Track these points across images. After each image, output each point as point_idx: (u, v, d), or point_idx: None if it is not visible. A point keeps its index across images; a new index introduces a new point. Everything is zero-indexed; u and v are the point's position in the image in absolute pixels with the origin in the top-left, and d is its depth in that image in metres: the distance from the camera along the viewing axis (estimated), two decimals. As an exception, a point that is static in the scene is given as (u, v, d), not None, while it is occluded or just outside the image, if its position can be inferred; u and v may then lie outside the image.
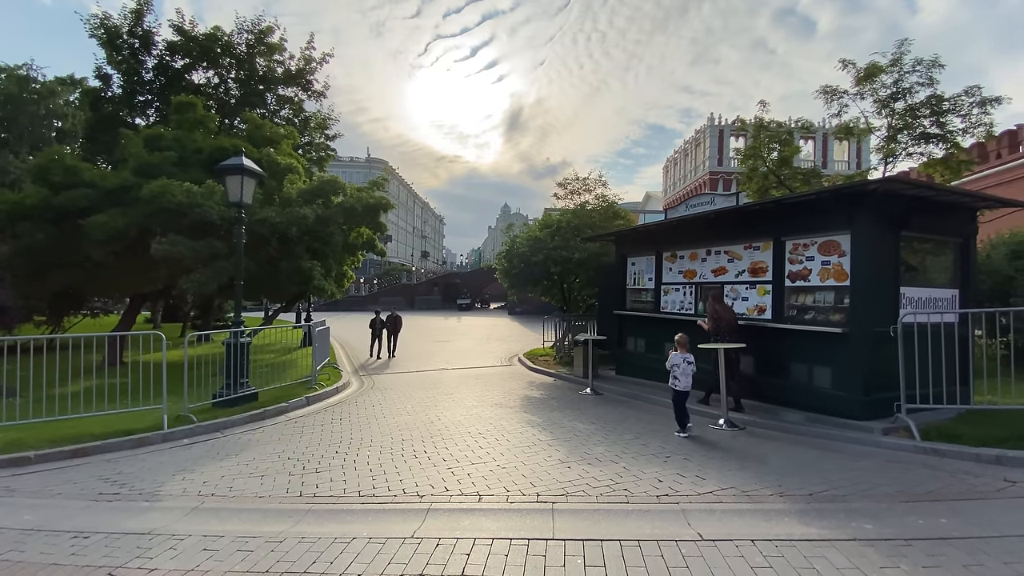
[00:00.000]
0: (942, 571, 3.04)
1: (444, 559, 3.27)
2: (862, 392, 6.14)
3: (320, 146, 22.99)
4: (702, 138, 42.52)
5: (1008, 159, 20.32)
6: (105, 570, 3.33)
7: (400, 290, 54.05)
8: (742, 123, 14.90)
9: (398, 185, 74.89)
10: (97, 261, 12.40)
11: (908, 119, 11.24)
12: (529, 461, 5.34)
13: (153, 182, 11.49)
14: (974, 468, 4.82)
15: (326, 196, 13.83)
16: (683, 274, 9.21)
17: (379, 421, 7.38)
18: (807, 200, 6.96)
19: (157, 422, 6.80)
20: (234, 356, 7.99)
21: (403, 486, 4.69)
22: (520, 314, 39.67)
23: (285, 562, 3.31)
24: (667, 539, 3.45)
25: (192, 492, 4.72)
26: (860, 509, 3.97)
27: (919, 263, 7.03)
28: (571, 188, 14.81)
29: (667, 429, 6.58)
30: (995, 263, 9.78)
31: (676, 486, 4.50)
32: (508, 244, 14.98)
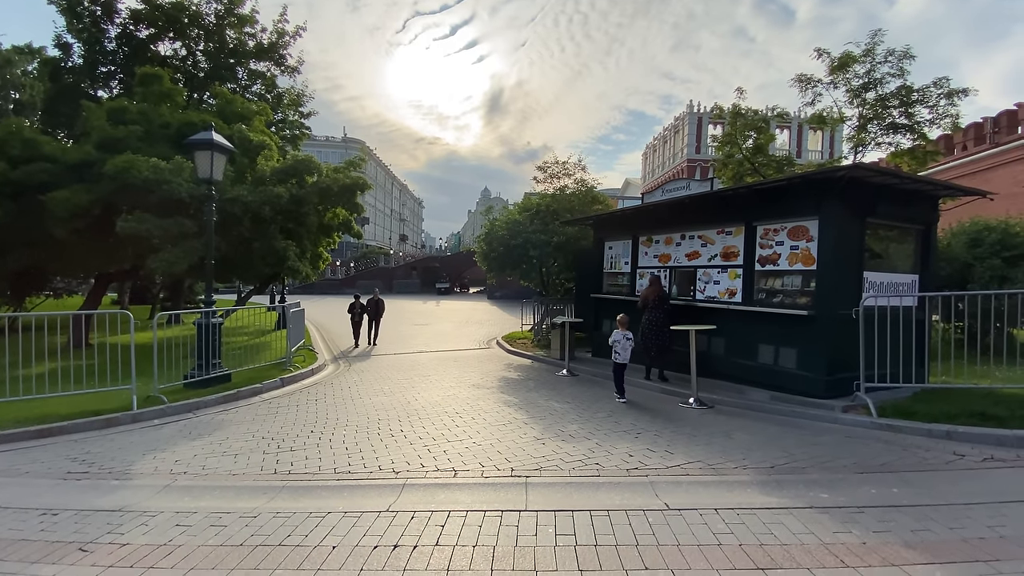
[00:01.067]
0: (891, 535, 3.24)
1: (419, 530, 3.33)
2: (825, 372, 6.40)
3: (294, 124, 22.37)
4: (681, 125, 42.78)
5: (973, 151, 21.06)
6: (76, 545, 3.29)
7: (378, 273, 53.44)
8: (720, 110, 15.07)
9: (375, 166, 73.47)
10: (60, 239, 11.93)
11: (878, 109, 11.53)
12: (505, 439, 5.43)
13: (118, 157, 11.05)
14: (926, 442, 5.10)
15: (300, 176, 13.51)
16: (658, 258, 9.37)
17: (355, 402, 7.38)
18: (778, 186, 7.13)
19: (126, 403, 6.66)
20: (206, 336, 7.84)
21: (379, 463, 4.73)
22: (499, 298, 39.73)
23: (259, 536, 3.33)
24: (635, 509, 3.58)
25: (164, 471, 4.68)
26: (818, 480, 4.18)
27: (882, 249, 7.29)
28: (551, 172, 14.80)
29: (639, 409, 6.76)
30: (955, 251, 10.20)
31: (646, 460, 4.66)
32: (487, 227, 14.93)
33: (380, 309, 14.46)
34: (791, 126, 36.45)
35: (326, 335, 16.68)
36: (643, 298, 8.35)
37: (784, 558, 2.97)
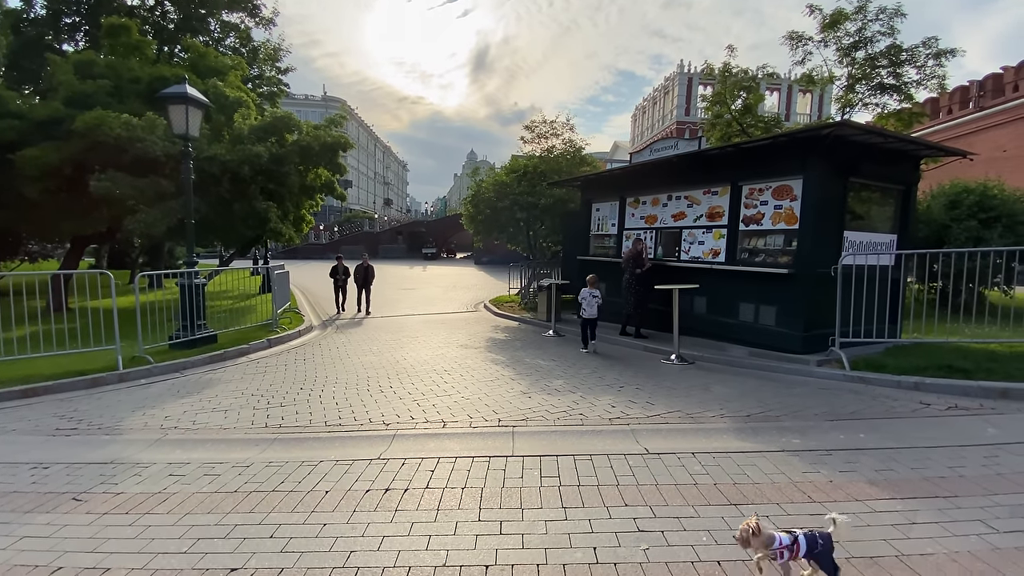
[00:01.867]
0: (857, 475, 3.44)
1: (410, 475, 3.45)
2: (802, 328, 6.59)
3: (271, 80, 21.52)
4: (671, 86, 42.04)
5: (957, 115, 21.15)
6: (69, 495, 3.35)
7: (362, 238, 52.73)
8: (711, 70, 14.82)
9: (357, 126, 71.32)
10: (32, 200, 11.52)
11: (867, 69, 11.46)
12: (492, 393, 5.56)
13: (87, 113, 10.57)
14: (895, 393, 5.34)
15: (280, 134, 13.09)
16: (645, 219, 9.39)
17: (343, 361, 7.44)
18: (765, 145, 7.13)
19: (111, 363, 6.63)
20: (190, 297, 7.76)
21: (369, 416, 4.83)
22: (486, 263, 39.65)
23: (253, 483, 3.42)
24: (616, 453, 3.74)
25: (154, 426, 4.72)
26: (790, 427, 4.38)
27: (863, 209, 7.40)
28: (538, 132, 14.53)
29: (622, 365, 6.93)
30: (933, 212, 10.40)
31: (627, 411, 4.82)
32: (474, 189, 14.75)
33: (370, 276, 13.30)
34: (781, 88, 36.07)
35: (312, 299, 16.58)
36: (624, 258, 8.66)
37: (756, 495, 3.14)
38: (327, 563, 2.52)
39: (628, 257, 8.49)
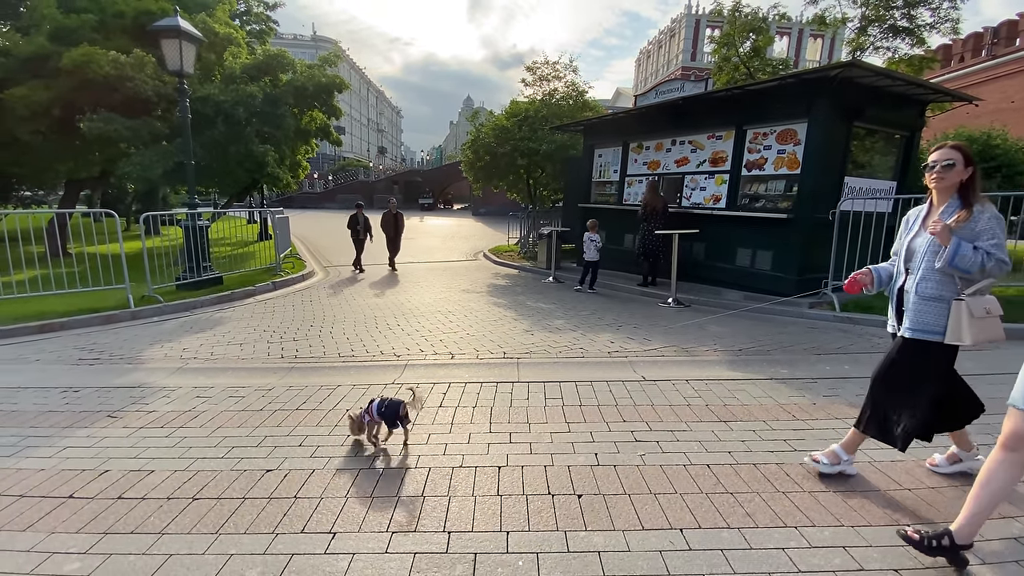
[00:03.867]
0: (839, 399, 3.71)
1: (423, 397, 3.69)
2: (796, 273, 6.78)
3: (259, 16, 20.48)
4: (678, 29, 40.35)
5: (967, 64, 20.59)
6: (104, 413, 3.59)
7: (358, 187, 51.91)
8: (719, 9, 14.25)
9: (349, 69, 68.50)
10: (24, 142, 11.31)
11: (881, 10, 11.08)
12: (496, 331, 5.78)
13: (74, 50, 10.22)
14: (880, 332, 5.57)
15: (274, 73, 12.73)
16: (647, 165, 9.36)
17: (349, 303, 7.63)
18: (772, 87, 7.04)
19: (122, 302, 6.79)
20: (194, 238, 7.83)
21: (380, 349, 5.06)
22: (484, 214, 39.35)
23: (276, 403, 3.66)
24: (615, 380, 3.99)
25: (174, 357, 4.94)
26: (780, 360, 4.64)
27: (865, 155, 7.42)
28: (540, 74, 14.14)
29: (620, 307, 7.15)
30: (934, 162, 10.38)
31: (625, 346, 5.07)
32: (474, 134, 14.50)
33: (400, 225, 11.42)
34: (791, 32, 34.76)
35: (311, 247, 16.62)
36: (644, 205, 8.11)
37: (744, 414, 3.41)
38: (355, 465, 2.77)
39: (660, 207, 7.99)
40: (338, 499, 2.46)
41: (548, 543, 2.12)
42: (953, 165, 2.24)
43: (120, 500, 2.49)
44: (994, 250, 2.12)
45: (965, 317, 2.16)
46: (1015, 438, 1.84)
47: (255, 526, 2.26)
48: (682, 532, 2.19)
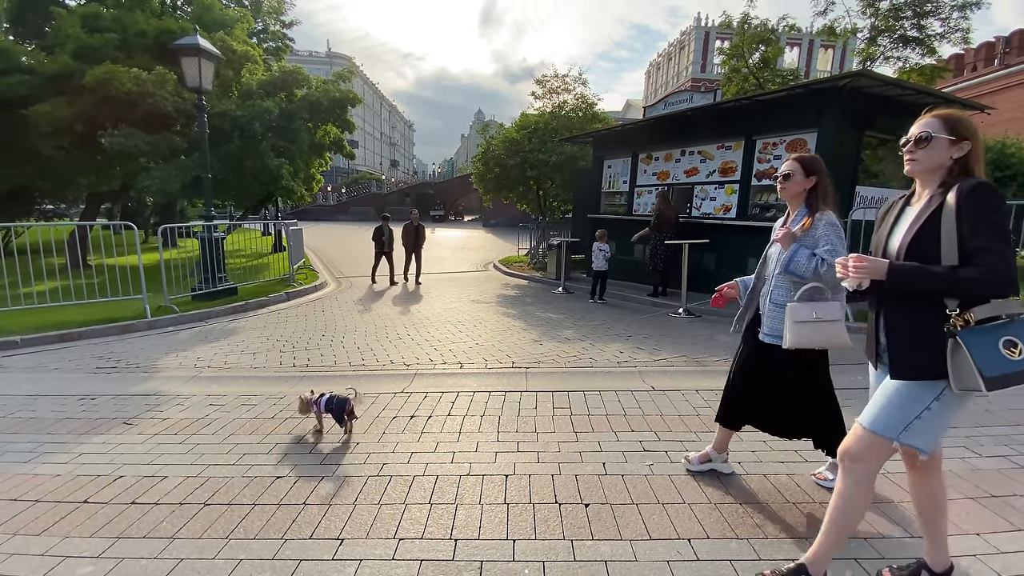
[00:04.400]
0: (850, 409, 3.54)
1: (432, 405, 3.71)
2: (809, 282, 6.71)
3: (276, 34, 21.04)
4: (687, 41, 40.60)
5: (980, 73, 20.41)
6: (119, 420, 3.65)
7: (370, 200, 52.57)
8: (729, 21, 14.35)
9: (363, 84, 69.75)
10: (47, 156, 11.66)
11: (891, 20, 11.08)
12: (505, 341, 5.80)
13: (97, 68, 10.56)
14: (894, 342, 5.51)
15: (289, 89, 13.03)
16: (657, 176, 9.39)
17: (360, 314, 7.70)
18: (781, 97, 7.06)
19: (139, 312, 6.92)
20: (210, 250, 7.98)
21: (390, 359, 5.10)
22: (494, 226, 39.57)
23: (288, 411, 3.70)
24: (624, 390, 3.98)
25: (188, 365, 5.02)
26: (792, 370, 4.58)
27: (877, 164, 7.38)
28: (549, 87, 14.29)
29: (631, 318, 7.13)
30: (949, 171, 10.27)
31: (635, 356, 5.05)
32: (484, 147, 14.66)
33: (421, 238, 11.12)
34: (801, 43, 34.76)
35: (324, 259, 16.82)
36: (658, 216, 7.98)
37: (755, 424, 3.37)
38: (363, 472, 2.79)
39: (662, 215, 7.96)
40: (346, 506, 2.48)
41: (555, 552, 2.11)
42: (791, 176, 2.33)
43: (133, 505, 2.53)
44: (828, 256, 2.18)
45: (788, 320, 2.22)
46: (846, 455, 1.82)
47: (264, 532, 2.29)
48: (690, 542, 2.17)
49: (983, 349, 1.55)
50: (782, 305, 2.34)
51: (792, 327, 2.21)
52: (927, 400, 1.67)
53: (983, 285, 1.57)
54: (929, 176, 1.79)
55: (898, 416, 1.70)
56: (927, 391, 1.66)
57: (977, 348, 1.55)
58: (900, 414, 1.70)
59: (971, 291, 1.59)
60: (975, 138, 1.72)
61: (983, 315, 1.58)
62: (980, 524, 2.28)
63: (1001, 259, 1.54)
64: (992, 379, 1.53)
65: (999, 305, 1.58)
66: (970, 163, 1.71)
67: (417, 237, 11.05)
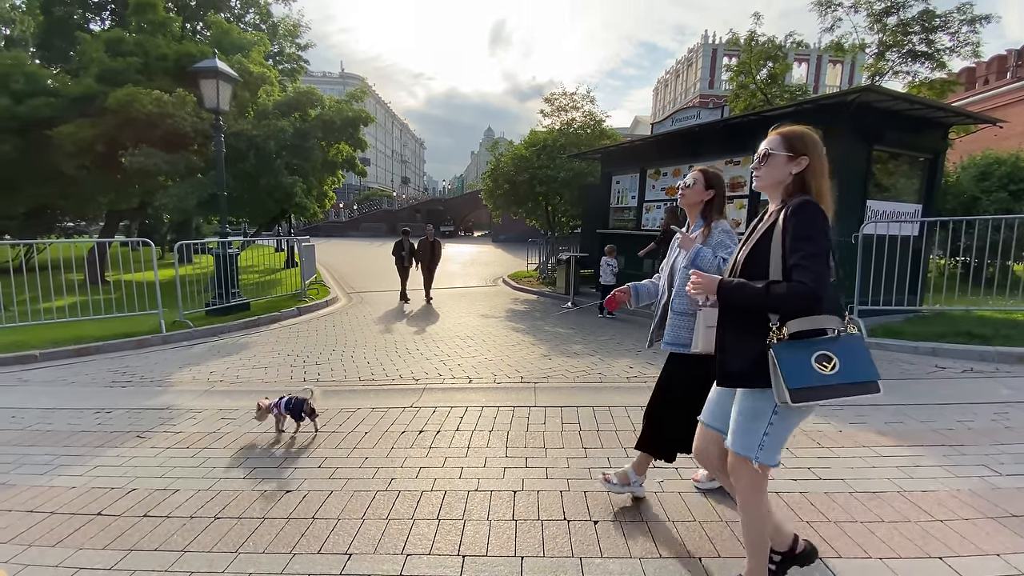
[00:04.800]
0: (866, 426, 3.59)
1: (441, 421, 3.72)
2: (821, 297, 6.64)
3: (291, 56, 21.63)
4: (695, 58, 40.95)
5: (992, 86, 20.30)
6: (133, 433, 3.70)
7: (382, 216, 53.20)
8: (736, 39, 14.48)
9: (375, 103, 71.13)
10: (70, 176, 12.02)
11: (899, 35, 11.11)
12: (514, 356, 5.79)
13: (119, 90, 10.93)
14: (911, 358, 5.42)
15: (303, 109, 13.34)
16: (665, 191, 9.41)
17: (370, 328, 7.75)
18: (788, 112, 7.06)
19: (154, 327, 7.04)
20: (224, 266, 8.11)
21: (399, 373, 5.12)
22: (504, 241, 39.76)
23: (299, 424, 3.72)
24: (634, 405, 3.94)
25: (201, 379, 5.08)
26: (805, 386, 4.52)
27: (888, 178, 7.32)
28: (558, 104, 14.46)
29: (641, 333, 7.09)
30: (963, 184, 10.17)
31: (645, 371, 5.02)
32: (493, 163, 14.82)
33: (436, 254, 10.78)
34: (809, 58, 34.89)
35: (335, 274, 17.00)
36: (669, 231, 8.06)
37: (767, 441, 3.32)
38: (371, 487, 2.79)
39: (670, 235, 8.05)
40: (355, 520, 2.48)
41: (563, 570, 2.09)
42: (692, 185, 2.45)
43: (146, 518, 2.56)
44: (729, 256, 2.20)
45: (700, 326, 2.26)
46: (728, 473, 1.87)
47: (273, 546, 2.29)
48: (701, 561, 2.14)
49: (791, 362, 1.61)
50: (682, 314, 2.42)
51: (705, 332, 2.21)
52: (768, 414, 1.71)
53: (792, 300, 1.61)
54: (773, 192, 1.83)
55: (751, 435, 1.74)
56: (766, 405, 1.71)
57: (785, 361, 1.61)
58: (753, 433, 1.74)
59: (784, 306, 1.64)
60: (814, 154, 1.75)
61: (795, 329, 1.64)
62: (1001, 544, 2.21)
63: (810, 275, 1.57)
64: (795, 391, 1.59)
65: (813, 320, 1.64)
66: (807, 178, 1.74)
67: (433, 253, 10.79)
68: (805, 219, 1.63)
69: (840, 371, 1.62)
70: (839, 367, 1.62)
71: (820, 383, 1.60)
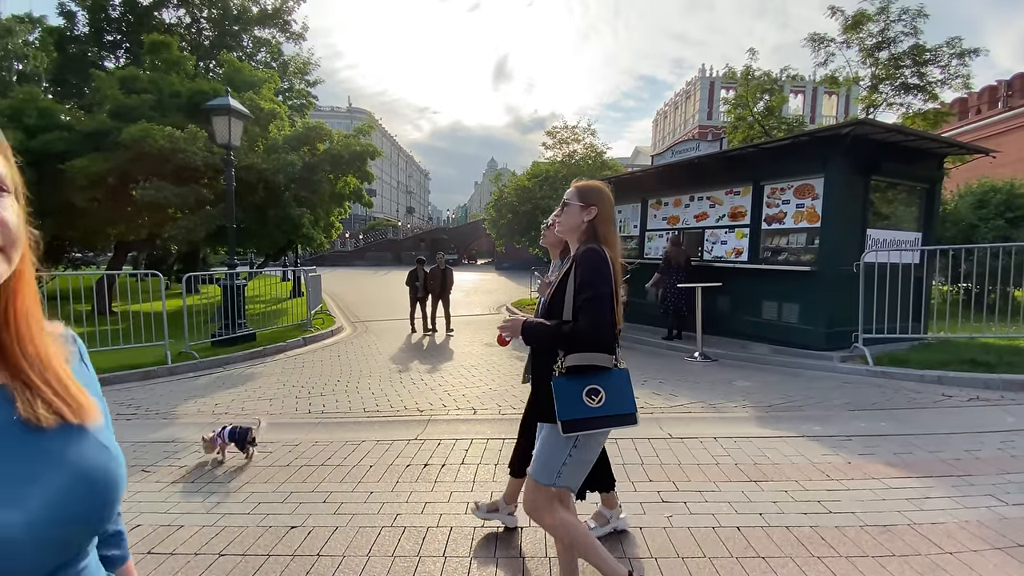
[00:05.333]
0: (875, 457, 3.56)
1: (446, 453, 3.70)
2: (825, 325, 6.66)
3: (301, 92, 22.30)
4: (693, 90, 41.97)
5: (984, 116, 20.68)
6: (138, 468, 3.69)
7: (387, 245, 53.74)
8: (732, 73, 14.91)
9: (381, 137, 72.72)
10: (80, 208, 12.26)
11: (891, 69, 11.43)
12: (518, 386, 5.77)
13: (133, 126, 11.25)
14: (917, 387, 5.39)
15: (312, 143, 13.66)
16: (667, 220, 9.54)
17: (375, 358, 7.76)
18: (785, 145, 7.24)
19: (160, 358, 7.08)
20: (231, 297, 8.20)
21: (404, 405, 5.11)
22: (507, 269, 39.97)
23: (303, 459, 3.71)
24: (641, 437, 3.92)
25: (206, 412, 5.08)
26: (812, 416, 4.50)
27: (887, 207, 7.43)
28: (560, 137, 14.82)
29: (645, 361, 7.08)
30: (960, 212, 10.28)
31: (651, 401, 4.99)
32: (496, 194, 15.09)
33: (448, 283, 10.38)
34: (805, 90, 35.69)
35: (341, 303, 17.09)
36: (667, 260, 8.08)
37: (775, 474, 3.30)
38: (376, 523, 2.77)
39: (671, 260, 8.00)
40: (360, 558, 2.45)
41: (572, 608, 2.06)
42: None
43: (150, 555, 2.54)
44: None
45: None
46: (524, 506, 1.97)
47: (279, 584, 2.27)
48: (712, 599, 2.10)
49: (565, 395, 1.77)
50: None
51: None
52: (568, 446, 1.83)
53: (573, 339, 1.78)
54: (572, 237, 2.01)
55: (552, 464, 1.85)
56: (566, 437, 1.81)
57: (559, 393, 1.77)
58: (553, 462, 1.85)
59: (566, 344, 1.81)
60: (601, 203, 1.95)
61: (571, 363, 1.81)
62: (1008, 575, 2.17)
63: (585, 316, 1.75)
64: (565, 422, 1.75)
65: (586, 356, 1.81)
66: (596, 226, 1.93)
67: (444, 281, 10.40)
68: (588, 266, 1.81)
69: (606, 404, 1.78)
70: (605, 400, 1.78)
71: (589, 415, 1.76)
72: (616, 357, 1.90)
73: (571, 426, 1.75)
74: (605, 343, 1.83)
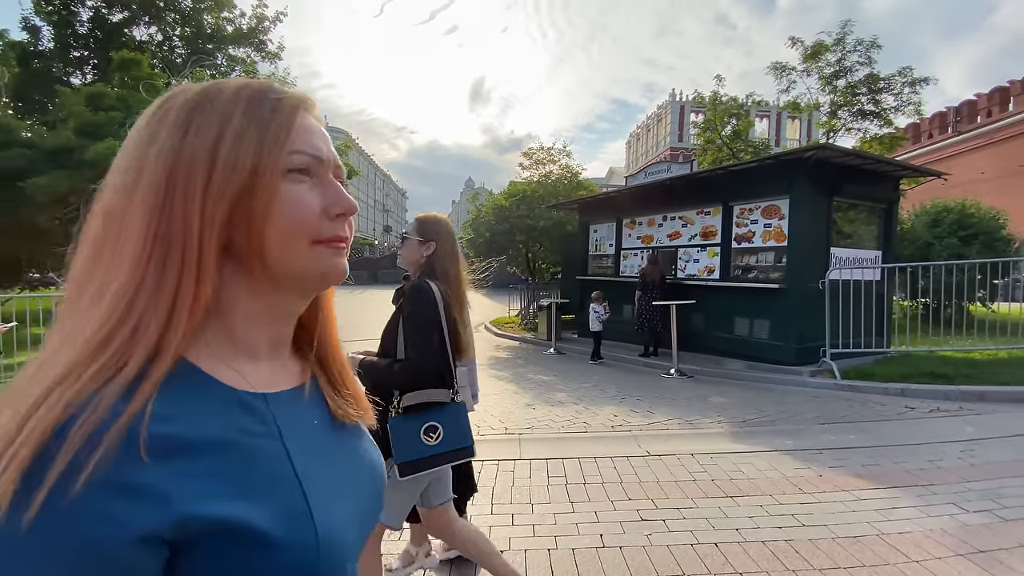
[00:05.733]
0: (845, 469, 3.66)
1: (424, 476, 3.64)
2: (795, 341, 6.85)
3: (277, 111, 22.10)
4: (664, 114, 43.30)
5: (937, 140, 21.93)
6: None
7: (363, 264, 53.12)
8: (701, 99, 15.49)
9: (359, 156, 72.45)
10: (43, 228, 11.83)
11: (848, 96, 12.07)
12: (497, 406, 5.75)
13: (100, 143, 10.97)
14: (882, 399, 5.59)
15: (287, 162, 13.56)
16: (641, 239, 9.74)
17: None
18: (752, 167, 7.53)
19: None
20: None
21: (380, 427, 5.02)
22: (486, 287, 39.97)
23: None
24: (619, 455, 3.94)
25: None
26: (784, 430, 4.60)
27: (849, 226, 7.77)
28: (536, 158, 15.06)
29: (622, 378, 7.15)
30: (917, 231, 10.81)
31: (629, 419, 5.04)
32: (474, 214, 15.17)
33: None
34: (770, 114, 37.18)
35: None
36: (643, 277, 8.28)
37: (751, 488, 3.35)
38: (353, 551, 2.70)
39: (646, 276, 8.20)
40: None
41: (554, 632, 2.04)
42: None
43: None
44: None
45: None
46: None
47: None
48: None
49: (402, 436, 1.70)
50: None
51: None
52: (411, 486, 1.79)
53: (403, 375, 1.73)
54: (414, 270, 1.93)
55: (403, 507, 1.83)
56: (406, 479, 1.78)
57: (396, 435, 1.70)
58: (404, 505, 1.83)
59: (398, 381, 1.74)
60: (440, 238, 1.88)
61: (408, 403, 1.75)
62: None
63: (414, 352, 1.71)
64: (403, 464, 1.69)
65: (421, 394, 1.76)
66: (434, 261, 1.87)
67: None
68: (415, 302, 1.77)
69: (444, 440, 1.74)
70: (443, 436, 1.74)
71: (428, 453, 1.71)
72: (454, 390, 1.83)
73: (410, 468, 1.69)
74: (438, 378, 1.78)
